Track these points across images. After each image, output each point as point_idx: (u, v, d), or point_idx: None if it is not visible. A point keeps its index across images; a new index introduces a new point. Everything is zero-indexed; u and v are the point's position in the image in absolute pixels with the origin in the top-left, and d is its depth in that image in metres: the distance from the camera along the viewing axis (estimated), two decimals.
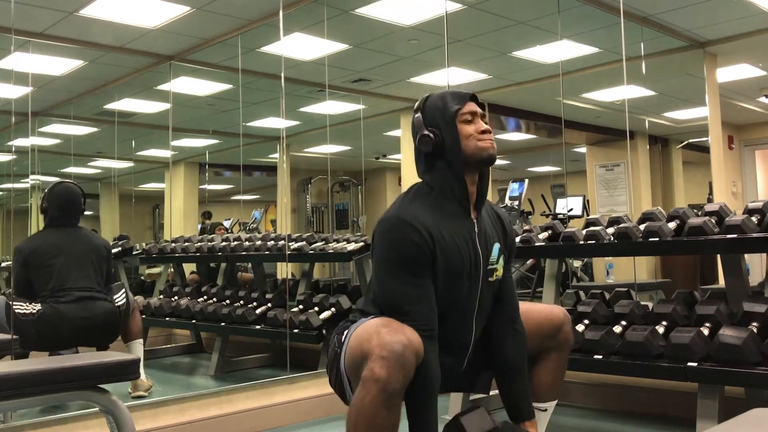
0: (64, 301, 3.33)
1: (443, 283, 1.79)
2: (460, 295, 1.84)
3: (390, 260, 1.78)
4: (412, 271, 1.75)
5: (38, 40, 4.55)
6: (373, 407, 1.57)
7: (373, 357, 1.59)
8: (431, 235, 1.76)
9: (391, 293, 1.77)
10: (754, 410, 1.02)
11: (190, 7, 4.30)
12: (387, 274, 1.78)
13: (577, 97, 6.42)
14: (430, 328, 1.73)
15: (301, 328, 3.82)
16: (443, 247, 1.77)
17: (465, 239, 1.84)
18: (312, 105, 6.52)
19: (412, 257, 1.74)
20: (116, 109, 6.11)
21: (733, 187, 6.67)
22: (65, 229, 3.53)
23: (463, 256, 1.82)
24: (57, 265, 3.39)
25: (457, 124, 1.85)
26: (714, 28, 5.19)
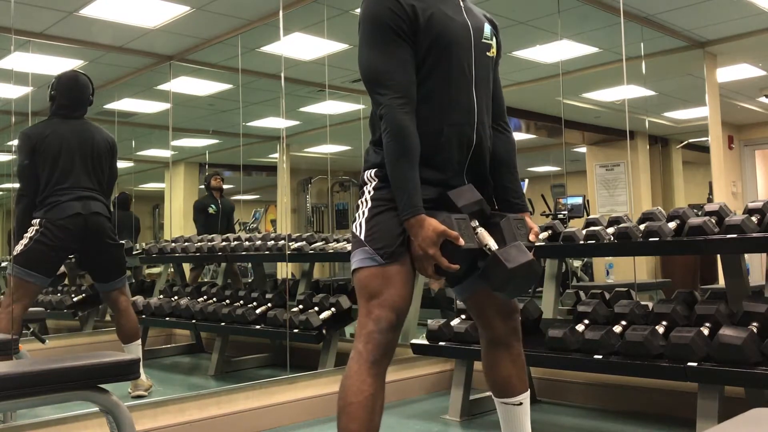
0: (65, 199, 3.35)
1: (434, 50, 1.79)
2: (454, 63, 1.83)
3: (368, 30, 1.80)
4: (389, 38, 1.76)
5: (38, 40, 4.56)
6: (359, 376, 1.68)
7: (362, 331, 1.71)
8: (412, 5, 1.77)
9: (370, 63, 1.79)
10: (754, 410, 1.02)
11: (190, 7, 4.30)
12: (366, 46, 1.81)
13: (577, 97, 6.43)
14: (407, 96, 1.75)
15: (301, 328, 3.82)
16: (427, 14, 1.78)
17: (452, 10, 1.85)
18: (312, 105, 6.52)
19: (389, 26, 1.75)
20: (116, 109, 6.11)
21: (733, 187, 6.67)
22: (71, 121, 3.51)
23: (453, 23, 1.83)
24: (61, 161, 3.39)
25: None
26: (714, 28, 5.19)
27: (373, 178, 1.83)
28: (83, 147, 3.48)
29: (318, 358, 3.81)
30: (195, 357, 5.09)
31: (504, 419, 1.99)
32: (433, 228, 1.67)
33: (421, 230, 1.68)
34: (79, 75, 3.62)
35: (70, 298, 4.99)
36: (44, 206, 3.36)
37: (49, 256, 3.34)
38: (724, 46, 5.47)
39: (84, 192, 3.43)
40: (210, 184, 6.18)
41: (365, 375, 1.67)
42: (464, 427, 3.08)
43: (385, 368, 1.71)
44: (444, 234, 1.66)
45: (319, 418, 3.28)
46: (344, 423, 1.68)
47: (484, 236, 1.73)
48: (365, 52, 1.81)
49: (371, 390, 1.67)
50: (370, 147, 1.88)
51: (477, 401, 3.25)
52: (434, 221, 1.68)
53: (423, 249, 1.68)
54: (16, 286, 3.27)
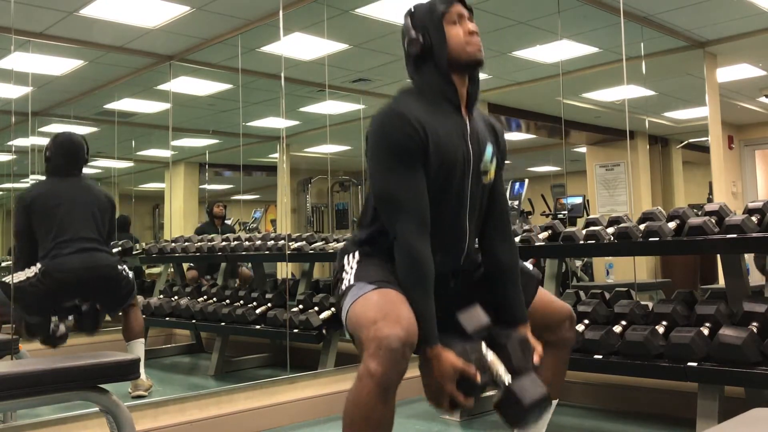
0: (66, 252, 3.32)
1: (435, 178, 1.80)
2: (452, 191, 1.84)
3: (382, 153, 1.78)
4: (405, 163, 1.75)
5: (38, 40, 4.55)
6: (368, 401, 1.57)
7: (369, 351, 1.59)
8: (423, 127, 1.76)
9: (384, 187, 1.78)
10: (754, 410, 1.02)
11: (190, 7, 4.30)
12: (379, 168, 1.79)
13: (577, 97, 6.42)
14: (422, 220, 1.75)
15: (301, 328, 3.82)
16: (435, 140, 1.78)
17: (457, 134, 1.84)
18: (312, 105, 6.51)
19: (405, 149, 1.75)
20: (116, 109, 6.11)
21: (733, 187, 6.67)
22: (68, 179, 3.52)
23: (456, 150, 1.82)
24: (59, 215, 3.38)
25: (444, 25, 1.86)
26: (714, 28, 5.19)
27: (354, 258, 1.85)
28: (82, 201, 3.49)
29: (318, 358, 3.81)
30: (195, 357, 5.09)
31: None
32: (451, 365, 1.65)
33: (439, 365, 1.66)
34: (73, 136, 3.64)
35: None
36: (46, 257, 3.33)
37: (38, 301, 3.30)
38: (724, 46, 5.47)
39: (86, 244, 3.41)
40: (212, 212, 6.20)
41: (376, 401, 1.58)
42: (464, 427, 3.08)
43: (396, 391, 1.62)
44: (462, 371, 1.65)
45: (319, 418, 3.28)
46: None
47: (496, 364, 1.72)
48: (380, 175, 1.80)
49: (380, 418, 1.60)
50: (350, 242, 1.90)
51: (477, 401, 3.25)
52: (451, 356, 1.66)
53: (440, 384, 1.66)
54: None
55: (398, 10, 4.52)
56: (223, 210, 6.26)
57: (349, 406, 1.62)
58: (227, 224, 6.41)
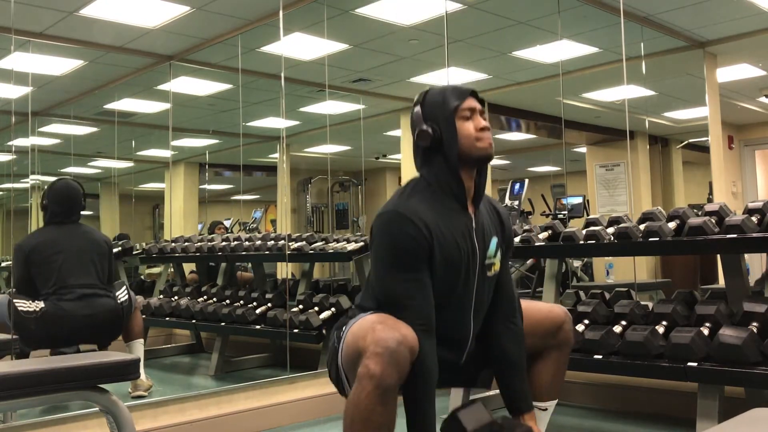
0: (67, 299, 3.31)
1: (441, 277, 1.80)
2: (458, 290, 1.84)
3: (388, 255, 1.78)
4: (410, 266, 1.76)
5: (38, 40, 4.55)
6: (368, 403, 1.58)
7: (368, 354, 1.60)
8: (429, 229, 1.76)
9: (389, 287, 1.78)
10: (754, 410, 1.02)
11: (190, 7, 4.30)
12: (385, 269, 1.79)
13: (577, 97, 6.42)
14: (427, 322, 1.74)
15: (301, 328, 3.83)
16: (441, 242, 1.78)
17: (462, 233, 1.84)
18: (312, 105, 6.51)
19: (410, 252, 1.75)
20: (116, 109, 6.11)
21: (733, 187, 6.66)
22: (66, 226, 3.52)
23: (461, 250, 1.82)
24: (59, 262, 3.38)
25: (455, 120, 1.85)
26: (714, 28, 5.19)
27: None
28: (81, 248, 3.48)
29: (318, 358, 3.81)
30: (195, 357, 5.09)
31: None
32: None
33: None
34: (69, 183, 3.64)
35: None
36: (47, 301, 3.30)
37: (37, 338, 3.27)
38: (724, 46, 5.47)
39: (86, 290, 3.39)
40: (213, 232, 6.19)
41: (376, 403, 1.59)
42: None
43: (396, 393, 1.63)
44: None
45: (319, 418, 3.28)
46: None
47: None
48: (385, 276, 1.80)
49: (381, 420, 1.61)
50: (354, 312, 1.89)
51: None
52: None
53: None
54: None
55: (398, 10, 4.54)
56: (225, 232, 6.26)
57: (349, 407, 1.62)
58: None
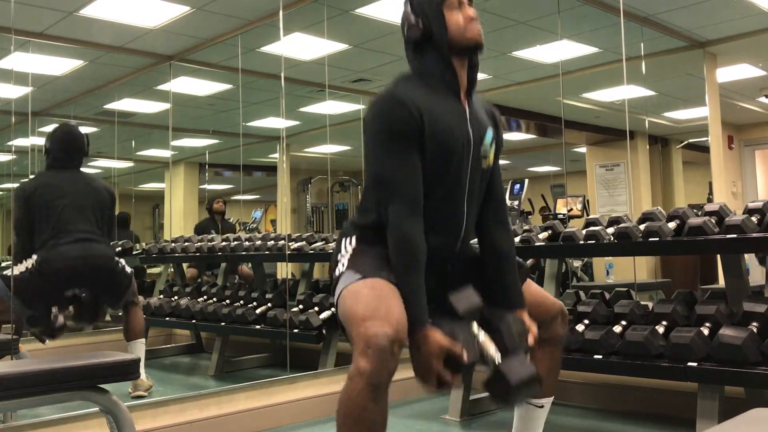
0: (63, 243, 3.33)
1: (434, 160, 1.80)
2: (451, 174, 1.84)
3: (379, 136, 1.80)
4: (400, 147, 1.77)
5: (38, 40, 4.56)
6: (360, 401, 1.58)
7: (358, 350, 1.60)
8: (420, 111, 1.77)
9: (380, 169, 1.80)
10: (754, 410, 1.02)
11: (190, 7, 4.30)
12: (375, 151, 1.81)
13: (577, 97, 6.43)
14: (415, 203, 1.76)
15: (301, 328, 3.83)
16: (433, 124, 1.79)
17: (457, 120, 1.85)
18: (312, 105, 6.52)
19: (401, 132, 1.76)
20: (116, 109, 6.11)
21: (733, 187, 6.67)
22: (67, 171, 3.51)
23: (455, 133, 1.83)
24: (59, 207, 3.38)
25: (443, 11, 1.87)
26: (714, 28, 5.19)
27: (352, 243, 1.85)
28: (81, 194, 3.48)
29: (318, 358, 3.81)
30: (195, 357, 5.09)
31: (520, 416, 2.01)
32: (438, 344, 1.65)
33: (426, 345, 1.66)
34: (72, 128, 3.64)
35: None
36: (43, 248, 3.33)
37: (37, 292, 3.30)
38: (724, 46, 5.47)
39: (83, 235, 3.40)
40: (212, 208, 6.19)
41: (367, 399, 1.58)
42: (464, 427, 3.08)
43: (387, 389, 1.63)
44: (448, 351, 1.66)
45: (319, 418, 3.28)
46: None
47: (486, 344, 1.72)
48: (374, 158, 1.82)
49: (373, 417, 1.60)
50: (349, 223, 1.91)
51: (477, 401, 3.25)
52: (438, 336, 1.66)
53: (427, 363, 1.67)
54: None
55: (398, 11, 4.53)
56: (223, 206, 6.25)
57: (341, 405, 1.62)
58: (228, 221, 6.40)
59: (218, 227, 6.10)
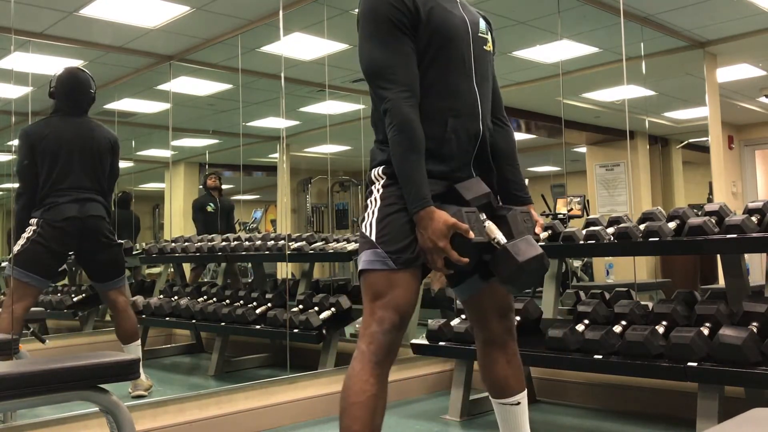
0: (63, 201, 3.34)
1: (435, 46, 1.80)
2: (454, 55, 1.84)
3: (370, 25, 1.79)
4: (393, 35, 1.76)
5: (38, 40, 4.56)
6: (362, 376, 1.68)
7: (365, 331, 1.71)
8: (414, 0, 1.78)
9: (372, 59, 1.79)
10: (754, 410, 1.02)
11: (190, 7, 4.30)
12: (368, 41, 1.80)
13: (577, 97, 6.43)
14: (411, 90, 1.75)
15: (301, 328, 3.82)
16: (427, 9, 1.79)
17: (450, 5, 1.86)
18: (312, 105, 6.52)
19: (392, 20, 1.76)
20: (116, 109, 6.11)
21: (733, 187, 6.67)
22: (73, 119, 3.49)
23: (451, 16, 1.83)
24: (62, 158, 3.37)
25: None
26: (714, 28, 5.19)
27: (381, 176, 1.82)
28: (83, 146, 3.46)
29: (318, 358, 3.81)
30: (195, 357, 5.09)
31: (502, 419, 1.99)
32: (443, 220, 1.66)
33: (431, 222, 1.67)
34: (79, 72, 3.58)
35: (70, 298, 5.00)
36: (42, 206, 3.35)
37: (46, 257, 3.33)
38: (724, 46, 5.47)
39: (82, 193, 3.41)
40: (206, 184, 6.19)
41: (368, 375, 1.67)
42: (464, 427, 3.08)
43: (388, 369, 1.71)
44: (454, 227, 1.66)
45: (319, 418, 3.28)
46: (346, 423, 1.68)
47: (493, 230, 1.73)
48: (366, 47, 1.81)
49: (373, 390, 1.67)
50: (376, 145, 1.88)
51: (477, 401, 3.25)
52: (444, 213, 1.67)
53: (433, 241, 1.67)
54: (16, 287, 3.27)
55: None
56: (217, 181, 6.23)
57: (344, 387, 1.71)
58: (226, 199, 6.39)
59: (216, 201, 6.09)
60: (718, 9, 4.75)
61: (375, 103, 1.85)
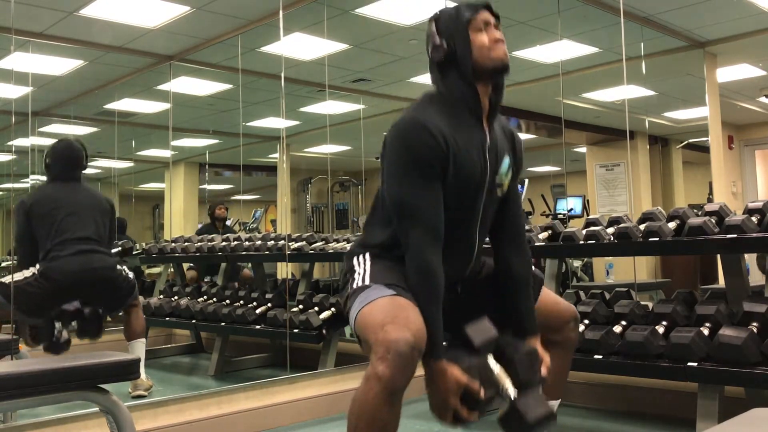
0: (65, 255, 3.34)
1: (451, 190, 1.79)
2: (466, 203, 1.84)
3: (402, 162, 1.77)
4: (425, 175, 1.75)
5: (38, 40, 4.55)
6: (375, 404, 1.57)
7: (378, 355, 1.58)
8: (446, 140, 1.75)
9: (402, 196, 1.77)
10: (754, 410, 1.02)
11: (190, 7, 4.30)
12: (398, 178, 1.78)
13: (577, 97, 6.42)
14: (437, 234, 1.75)
15: (301, 328, 3.82)
16: (456, 153, 1.77)
17: (477, 149, 1.83)
18: (312, 105, 6.52)
19: (426, 159, 1.74)
20: (116, 109, 6.11)
21: (733, 187, 6.67)
22: (68, 184, 3.55)
23: (474, 164, 1.82)
24: (59, 217, 3.41)
25: (469, 32, 1.83)
26: (714, 28, 5.19)
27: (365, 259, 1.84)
28: (82, 204, 3.51)
29: (318, 358, 3.81)
30: (195, 357, 5.09)
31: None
32: (455, 379, 1.65)
33: (443, 379, 1.66)
34: (72, 142, 3.67)
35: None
36: (45, 259, 3.35)
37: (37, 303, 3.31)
38: (724, 46, 5.47)
39: (84, 245, 3.41)
40: (214, 213, 6.18)
41: (382, 404, 1.58)
42: (464, 427, 3.08)
43: (402, 394, 1.62)
44: (466, 387, 1.65)
45: (319, 418, 3.28)
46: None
47: (502, 378, 1.71)
48: (397, 182, 1.79)
49: (386, 419, 1.60)
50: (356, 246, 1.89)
51: None
52: (456, 371, 1.66)
53: (443, 399, 1.66)
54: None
55: (398, 10, 4.54)
56: (225, 212, 6.25)
57: (354, 407, 1.61)
58: (228, 226, 6.40)
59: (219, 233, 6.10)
60: (718, 9, 4.75)
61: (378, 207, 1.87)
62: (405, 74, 5.87)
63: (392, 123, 1.83)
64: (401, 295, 1.72)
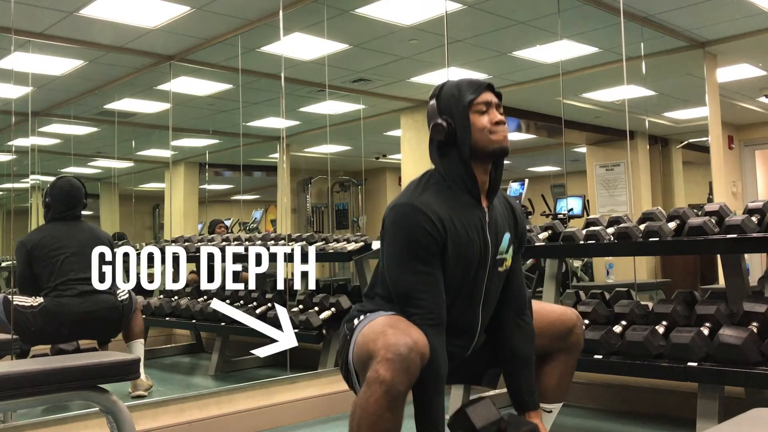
0: (67, 295, 3.34)
1: (452, 271, 1.79)
2: (468, 284, 1.84)
3: (400, 248, 1.78)
4: (423, 260, 1.75)
5: (38, 40, 4.55)
6: (377, 409, 1.57)
7: (378, 358, 1.59)
8: (443, 223, 1.76)
9: (400, 281, 1.78)
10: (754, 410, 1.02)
11: (190, 7, 4.30)
12: (397, 262, 1.79)
13: (577, 97, 6.42)
14: (438, 318, 1.74)
15: (301, 328, 3.82)
16: (454, 236, 1.78)
17: (476, 228, 1.83)
18: (312, 105, 6.52)
19: (424, 246, 1.75)
20: (116, 109, 6.11)
21: (733, 187, 6.66)
22: (68, 223, 3.55)
23: (473, 245, 1.82)
24: (60, 258, 3.40)
25: (470, 114, 1.84)
26: (714, 28, 5.19)
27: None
28: (83, 242, 3.49)
29: (318, 358, 3.81)
30: (195, 357, 5.09)
31: None
32: None
33: None
34: (71, 181, 3.66)
35: None
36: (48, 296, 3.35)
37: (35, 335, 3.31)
38: (724, 46, 5.47)
39: (86, 286, 3.37)
40: (214, 232, 6.17)
41: (384, 409, 1.58)
42: None
43: (404, 399, 1.63)
44: None
45: (319, 418, 3.28)
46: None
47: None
48: (396, 268, 1.80)
49: (388, 425, 1.60)
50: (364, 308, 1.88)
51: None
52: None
53: None
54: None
55: (398, 10, 4.54)
56: (225, 231, 6.24)
57: (356, 411, 1.62)
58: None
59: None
60: (718, 9, 4.75)
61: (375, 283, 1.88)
62: (405, 74, 5.87)
63: (390, 205, 1.83)
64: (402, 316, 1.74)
